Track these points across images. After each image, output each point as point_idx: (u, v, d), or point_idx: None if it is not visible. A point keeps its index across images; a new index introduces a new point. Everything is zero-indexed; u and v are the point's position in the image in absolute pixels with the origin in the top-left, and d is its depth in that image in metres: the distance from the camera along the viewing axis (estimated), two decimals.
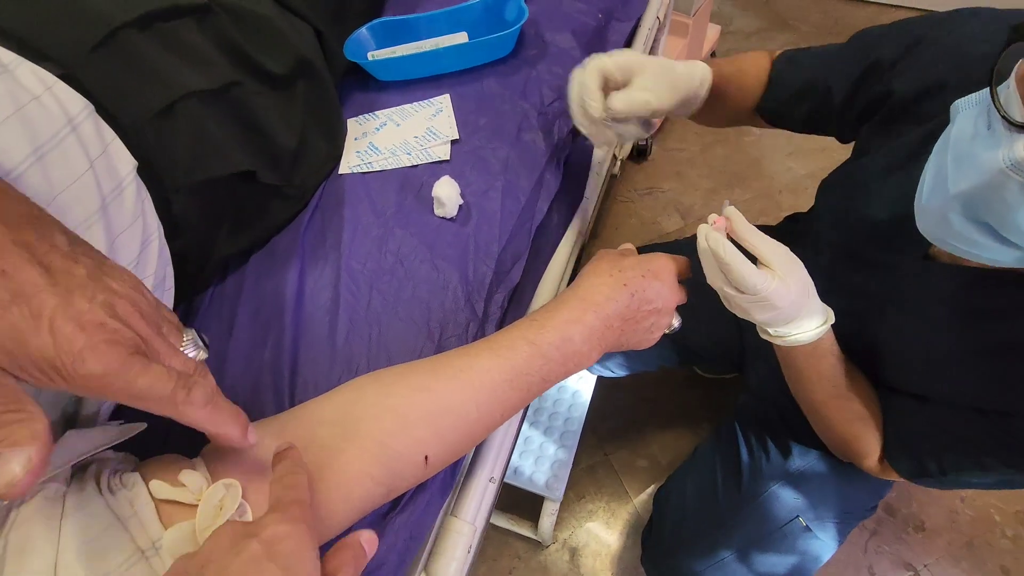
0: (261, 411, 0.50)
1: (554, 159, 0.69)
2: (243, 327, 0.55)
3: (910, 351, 0.53)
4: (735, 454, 0.76)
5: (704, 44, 1.65)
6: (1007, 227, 0.34)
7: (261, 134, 0.57)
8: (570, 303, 0.45)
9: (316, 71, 0.64)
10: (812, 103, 0.64)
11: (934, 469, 0.53)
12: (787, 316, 0.48)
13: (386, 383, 0.43)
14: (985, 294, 0.46)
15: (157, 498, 0.35)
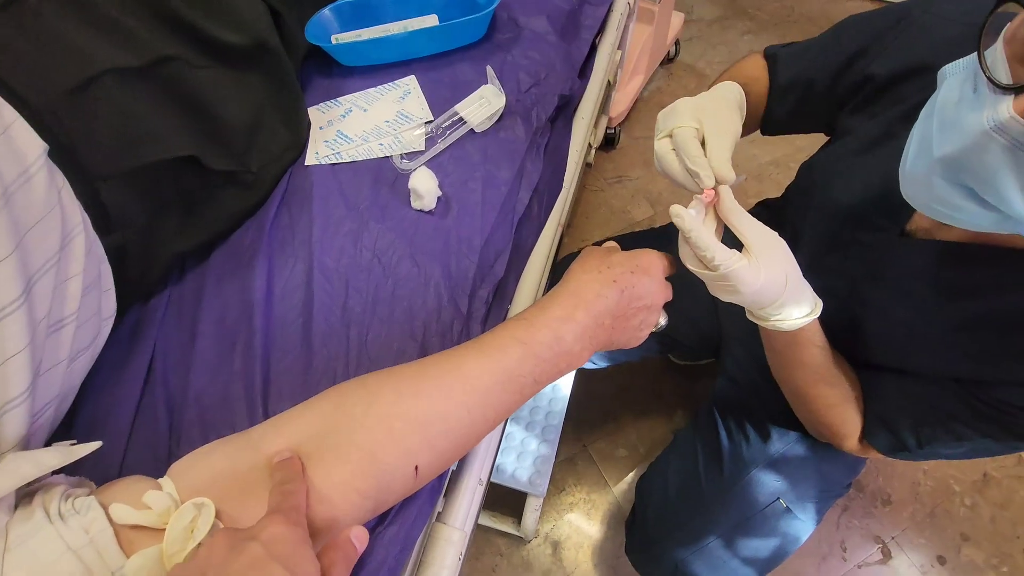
0: (233, 425, 0.46)
1: (534, 147, 0.66)
2: (207, 334, 0.51)
3: (888, 327, 0.54)
4: (715, 440, 0.76)
5: (669, 32, 1.65)
6: (988, 190, 0.34)
7: (206, 114, 0.52)
8: (560, 301, 0.44)
9: (272, 51, 0.59)
10: (796, 96, 0.64)
11: (912, 443, 0.54)
12: (756, 301, 0.46)
13: (372, 389, 0.40)
14: (960, 269, 0.47)
15: (118, 523, 0.32)
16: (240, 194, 0.57)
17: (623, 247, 0.50)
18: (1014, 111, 0.30)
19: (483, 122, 0.63)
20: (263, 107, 0.58)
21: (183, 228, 0.53)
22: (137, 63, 0.46)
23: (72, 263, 0.39)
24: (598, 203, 1.54)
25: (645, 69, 1.60)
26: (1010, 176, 0.32)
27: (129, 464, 0.44)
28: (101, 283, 0.43)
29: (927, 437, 0.53)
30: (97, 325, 0.43)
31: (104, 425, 0.46)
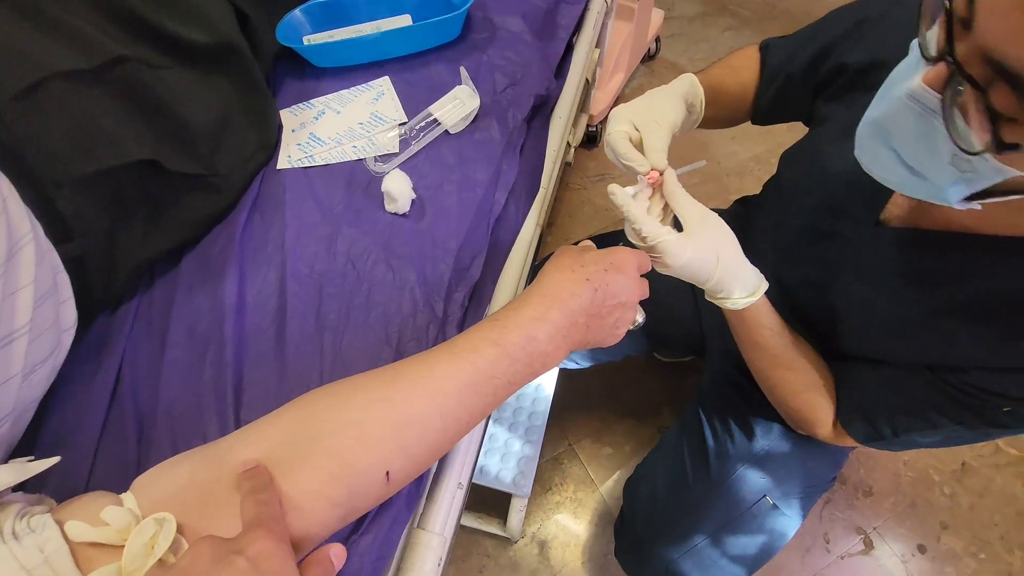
0: (204, 437, 0.45)
1: (510, 148, 0.66)
2: (177, 344, 0.50)
3: (865, 316, 0.54)
4: (701, 439, 0.76)
5: (649, 29, 1.66)
6: (908, 153, 0.37)
7: (168, 116, 0.51)
8: (533, 301, 0.43)
9: (238, 51, 0.58)
10: (778, 84, 0.65)
11: (887, 432, 0.54)
12: (689, 275, 0.51)
13: (342, 395, 0.39)
14: (931, 257, 0.48)
15: (75, 541, 0.31)
16: (208, 198, 0.56)
17: (606, 245, 0.50)
18: (923, 80, 0.33)
19: (458, 123, 0.63)
20: (230, 109, 0.57)
21: (149, 234, 0.51)
22: (87, 65, 0.45)
23: (21, 273, 0.38)
24: (581, 201, 1.54)
25: (626, 67, 1.60)
26: (924, 140, 0.35)
27: (96, 480, 0.43)
28: (58, 293, 0.42)
29: (903, 426, 0.53)
30: (56, 337, 0.42)
31: (70, 440, 0.45)
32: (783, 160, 0.66)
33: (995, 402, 0.45)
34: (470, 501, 1.08)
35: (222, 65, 0.56)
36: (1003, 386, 0.45)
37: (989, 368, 0.45)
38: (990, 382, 0.45)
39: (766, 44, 0.68)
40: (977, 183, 0.35)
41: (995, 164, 0.32)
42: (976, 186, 0.35)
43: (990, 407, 0.46)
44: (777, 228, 0.64)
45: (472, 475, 0.58)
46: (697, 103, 0.62)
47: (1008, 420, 0.46)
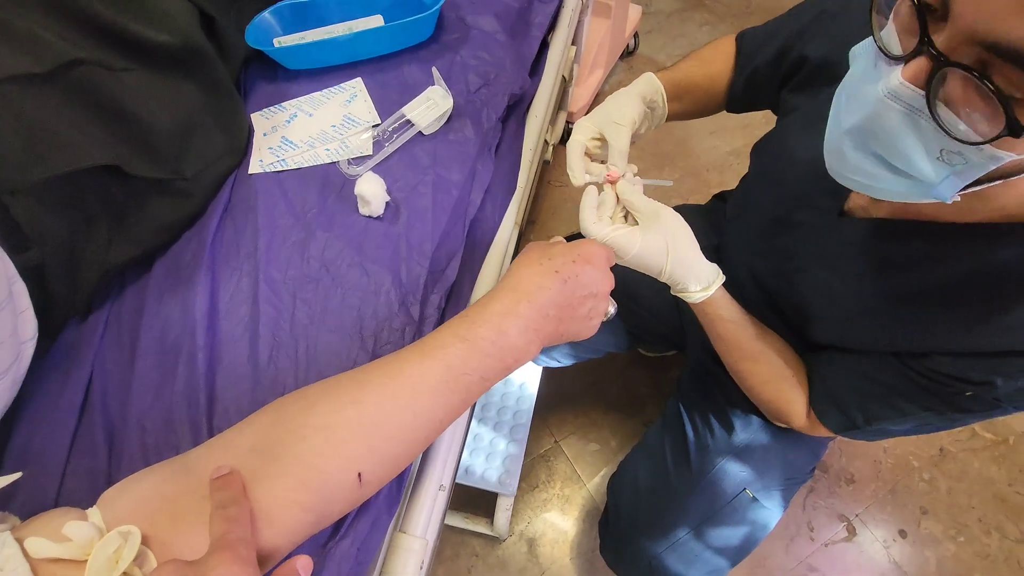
0: (177, 449, 0.44)
1: (485, 148, 0.66)
2: (148, 354, 0.49)
3: (831, 305, 0.55)
4: (682, 434, 0.77)
5: (627, 25, 1.66)
6: (894, 155, 0.36)
7: (128, 119, 0.50)
8: (502, 295, 0.43)
9: (202, 53, 0.57)
10: (747, 74, 0.66)
11: (860, 420, 0.55)
12: (642, 266, 0.52)
13: (311, 399, 0.39)
14: (893, 244, 0.49)
15: (35, 558, 0.31)
16: (175, 202, 0.55)
17: None
18: (902, 77, 0.33)
19: (431, 124, 0.63)
20: (195, 111, 0.56)
21: (114, 241, 0.50)
22: (40, 69, 0.44)
23: None
24: (563, 199, 1.54)
25: (604, 63, 1.61)
26: (910, 139, 0.34)
27: (65, 495, 0.43)
28: (14, 303, 0.41)
29: (874, 414, 0.54)
30: (14, 348, 0.41)
31: (38, 456, 0.44)
32: (753, 152, 0.67)
33: (958, 387, 0.46)
34: (457, 501, 1.08)
35: (186, 67, 0.55)
36: (964, 371, 0.45)
37: (950, 353, 0.46)
38: (952, 367, 0.46)
39: (742, 34, 0.70)
40: (968, 175, 0.34)
41: (991, 152, 0.32)
42: (967, 178, 0.34)
43: (953, 392, 0.47)
44: (747, 220, 0.65)
45: (454, 476, 0.58)
46: (659, 99, 0.64)
47: (971, 404, 0.47)
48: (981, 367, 0.44)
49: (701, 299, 0.56)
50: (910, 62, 0.33)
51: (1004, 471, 1.15)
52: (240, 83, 0.70)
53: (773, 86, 0.64)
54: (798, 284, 0.58)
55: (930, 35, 0.31)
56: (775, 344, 0.61)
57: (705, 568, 0.71)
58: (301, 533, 0.36)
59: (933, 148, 0.34)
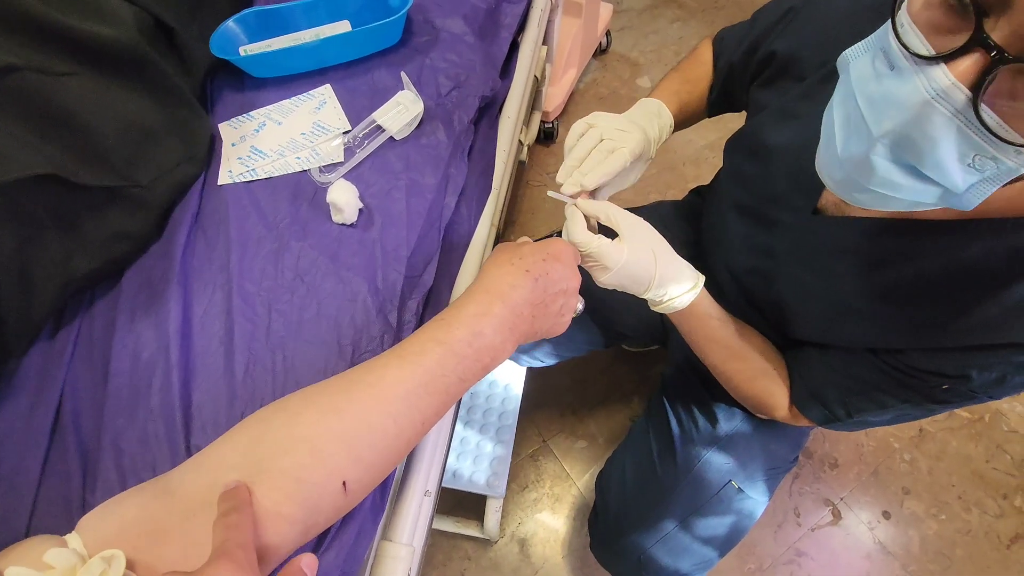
0: (155, 468, 0.44)
1: (458, 152, 0.65)
2: (121, 372, 0.48)
3: (807, 302, 0.56)
4: (666, 428, 0.77)
5: (599, 23, 1.67)
6: (928, 163, 0.34)
7: (71, 126, 0.49)
8: (475, 297, 0.44)
9: (148, 60, 0.55)
10: (723, 76, 0.68)
11: (841, 413, 0.56)
12: (630, 278, 0.53)
13: (291, 411, 0.39)
14: (868, 242, 0.49)
15: None
16: (132, 211, 0.53)
17: None
18: (953, 77, 0.30)
19: (402, 129, 0.62)
20: (147, 118, 0.55)
21: (70, 254, 0.49)
22: None
23: None
24: (542, 199, 1.54)
25: (578, 62, 1.61)
26: (948, 144, 0.32)
27: (38, 522, 0.42)
28: None
29: (854, 406, 0.55)
30: None
31: (8, 483, 0.43)
32: (727, 149, 0.68)
33: (934, 381, 0.47)
34: (447, 505, 1.07)
35: (133, 73, 0.54)
36: (939, 366, 0.46)
37: (925, 349, 0.47)
38: (927, 363, 0.47)
39: (720, 36, 0.71)
40: (998, 180, 0.32)
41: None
42: (996, 184, 0.33)
43: (930, 386, 0.48)
44: (724, 217, 0.65)
45: (440, 481, 0.58)
46: (665, 134, 0.66)
47: (947, 396, 0.48)
48: (955, 362, 0.45)
49: (691, 300, 0.55)
50: (957, 60, 0.30)
51: (981, 448, 1.18)
52: (206, 93, 0.69)
53: (744, 85, 0.65)
54: (775, 282, 0.58)
55: (984, 30, 0.29)
56: (755, 339, 0.62)
57: (694, 559, 0.72)
58: (289, 545, 0.36)
59: (967, 153, 0.32)
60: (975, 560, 1.07)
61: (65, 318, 0.53)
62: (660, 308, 0.57)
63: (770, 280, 0.59)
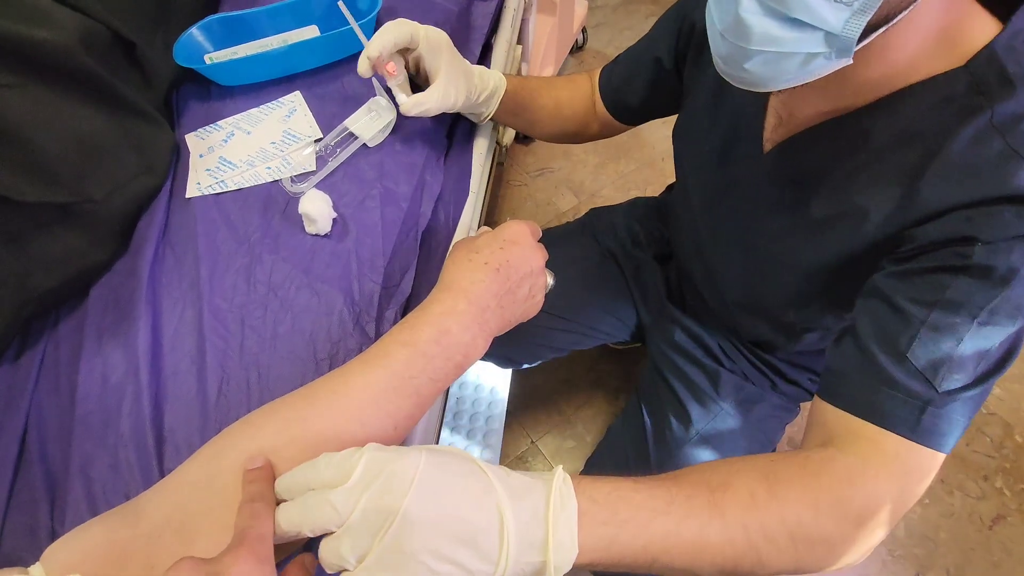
0: (127, 495, 0.42)
1: (433, 158, 0.64)
2: (89, 397, 0.47)
3: (787, 248, 0.53)
4: (641, 428, 0.77)
5: (574, 20, 1.66)
6: (795, 5, 0.35)
7: (10, 141, 0.47)
8: (439, 297, 0.43)
9: (91, 71, 0.53)
10: (644, 78, 0.68)
11: (919, 384, 0.40)
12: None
13: (256, 424, 0.38)
14: (812, 155, 0.49)
15: None
16: (87, 227, 0.52)
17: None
18: None
19: (375, 136, 0.61)
20: (98, 130, 0.53)
21: (26, 273, 0.47)
22: None
23: None
24: (523, 197, 1.54)
25: (554, 60, 1.61)
26: None
27: (4, 555, 0.40)
28: None
29: (920, 356, 0.39)
30: None
31: None
32: (674, 138, 0.69)
33: (940, 258, 0.40)
34: None
35: (80, 85, 0.52)
36: (926, 235, 0.41)
37: (899, 234, 0.43)
38: (932, 236, 0.41)
39: (605, 67, 0.74)
40: (868, 8, 0.34)
41: None
42: (868, 12, 0.34)
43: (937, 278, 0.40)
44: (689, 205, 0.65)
45: None
46: (493, 101, 0.67)
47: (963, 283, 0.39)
48: (959, 221, 0.40)
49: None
50: None
51: None
52: (171, 104, 0.67)
53: (677, 76, 0.65)
54: (751, 247, 0.58)
55: None
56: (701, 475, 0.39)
57: None
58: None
59: None
60: (959, 542, 1.09)
61: (29, 341, 0.51)
62: None
63: (746, 250, 0.59)
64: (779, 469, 0.39)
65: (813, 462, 0.39)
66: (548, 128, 0.77)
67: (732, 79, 0.43)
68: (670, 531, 0.35)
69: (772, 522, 0.36)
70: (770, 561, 0.37)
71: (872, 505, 0.38)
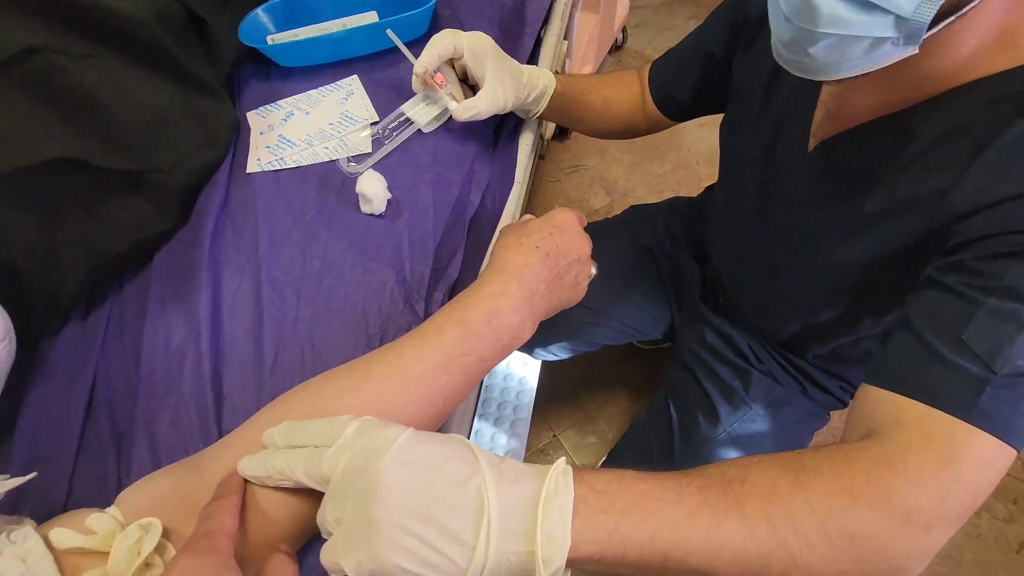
0: (187, 452, 0.44)
1: (483, 148, 0.66)
2: (152, 358, 0.49)
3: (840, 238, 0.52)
4: (667, 425, 0.78)
5: (616, 19, 1.66)
6: None
7: (93, 109, 0.49)
8: (491, 278, 0.44)
9: (163, 44, 0.54)
10: (695, 72, 0.68)
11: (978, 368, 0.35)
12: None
13: (313, 390, 0.40)
14: (861, 151, 0.49)
15: (59, 549, 0.31)
16: (153, 197, 0.54)
17: None
18: None
19: (430, 123, 0.62)
20: (165, 102, 0.55)
21: (96, 238, 0.49)
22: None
23: None
24: (556, 193, 1.55)
25: (594, 58, 1.61)
26: None
27: (75, 501, 0.42)
28: None
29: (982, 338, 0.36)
30: None
31: (45, 463, 0.44)
32: (721, 135, 0.69)
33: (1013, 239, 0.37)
34: None
35: (151, 57, 0.54)
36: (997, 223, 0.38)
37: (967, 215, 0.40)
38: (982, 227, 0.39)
39: (654, 63, 0.75)
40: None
41: None
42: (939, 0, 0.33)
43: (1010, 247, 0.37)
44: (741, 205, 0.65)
45: None
46: (542, 100, 0.68)
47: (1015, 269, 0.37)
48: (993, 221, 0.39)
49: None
50: None
51: None
52: (232, 82, 0.69)
53: (727, 74, 0.65)
54: (794, 239, 0.57)
55: None
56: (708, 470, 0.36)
57: None
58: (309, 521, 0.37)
59: None
60: (983, 564, 1.07)
61: (96, 302, 0.54)
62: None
63: (796, 251, 0.58)
64: (805, 460, 0.34)
65: (845, 450, 0.35)
66: (596, 126, 0.78)
67: (792, 66, 0.42)
68: (680, 523, 0.31)
69: (800, 512, 0.31)
70: (805, 561, 0.31)
71: (919, 496, 0.32)
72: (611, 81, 0.77)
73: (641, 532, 0.31)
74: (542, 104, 0.69)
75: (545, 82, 0.67)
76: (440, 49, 0.59)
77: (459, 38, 0.59)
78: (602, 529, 0.31)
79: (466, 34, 0.60)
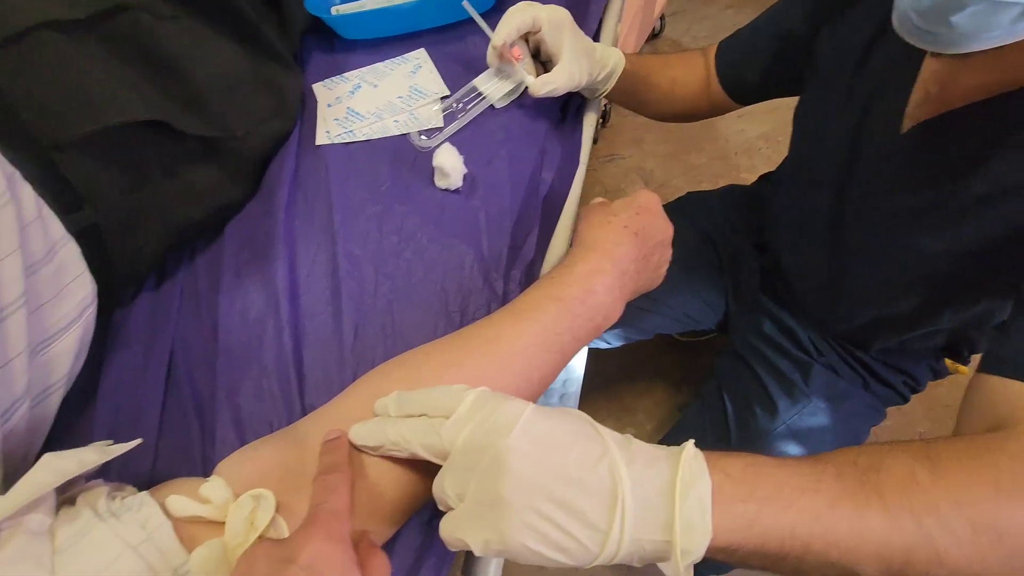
0: (271, 424, 0.43)
1: (552, 126, 0.64)
2: (231, 329, 0.48)
3: (920, 242, 0.52)
4: (722, 415, 0.76)
5: (656, 6, 1.63)
6: None
7: (175, 72, 0.47)
8: (583, 257, 0.43)
9: (239, 9, 0.53)
10: (768, 52, 0.66)
11: None
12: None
13: (413, 365, 0.39)
14: (963, 134, 0.47)
15: (176, 517, 0.31)
16: (229, 163, 0.53)
17: None
18: None
19: (503, 98, 0.61)
20: (241, 69, 0.54)
21: (175, 202, 0.48)
22: (81, 15, 0.41)
23: (1, 241, 0.33)
24: (592, 182, 1.53)
25: (633, 45, 1.58)
26: None
27: (160, 471, 0.41)
28: (61, 263, 0.39)
29: None
30: (71, 310, 0.39)
31: (127, 431, 0.43)
32: (795, 118, 0.67)
33: None
34: None
35: (227, 22, 0.53)
36: None
37: None
38: None
39: (722, 42, 0.72)
40: None
41: None
42: None
43: None
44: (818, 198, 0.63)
45: None
46: (612, 79, 0.66)
47: None
48: None
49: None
50: None
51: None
52: (298, 54, 0.67)
53: (806, 53, 0.63)
54: (879, 226, 0.56)
55: None
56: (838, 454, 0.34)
57: None
58: (418, 499, 0.36)
59: None
60: None
61: (168, 271, 0.53)
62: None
63: (883, 244, 0.56)
64: (939, 449, 0.32)
65: (980, 442, 0.33)
66: (659, 108, 0.76)
67: (920, 38, 0.40)
68: (821, 512, 0.29)
69: (945, 504, 0.30)
70: (950, 557, 0.29)
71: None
72: (677, 62, 0.75)
73: (782, 523, 0.29)
74: (610, 83, 0.67)
75: (615, 60, 0.65)
76: (519, 22, 0.57)
77: (538, 11, 0.58)
78: (742, 519, 0.29)
79: (544, 7, 0.58)
